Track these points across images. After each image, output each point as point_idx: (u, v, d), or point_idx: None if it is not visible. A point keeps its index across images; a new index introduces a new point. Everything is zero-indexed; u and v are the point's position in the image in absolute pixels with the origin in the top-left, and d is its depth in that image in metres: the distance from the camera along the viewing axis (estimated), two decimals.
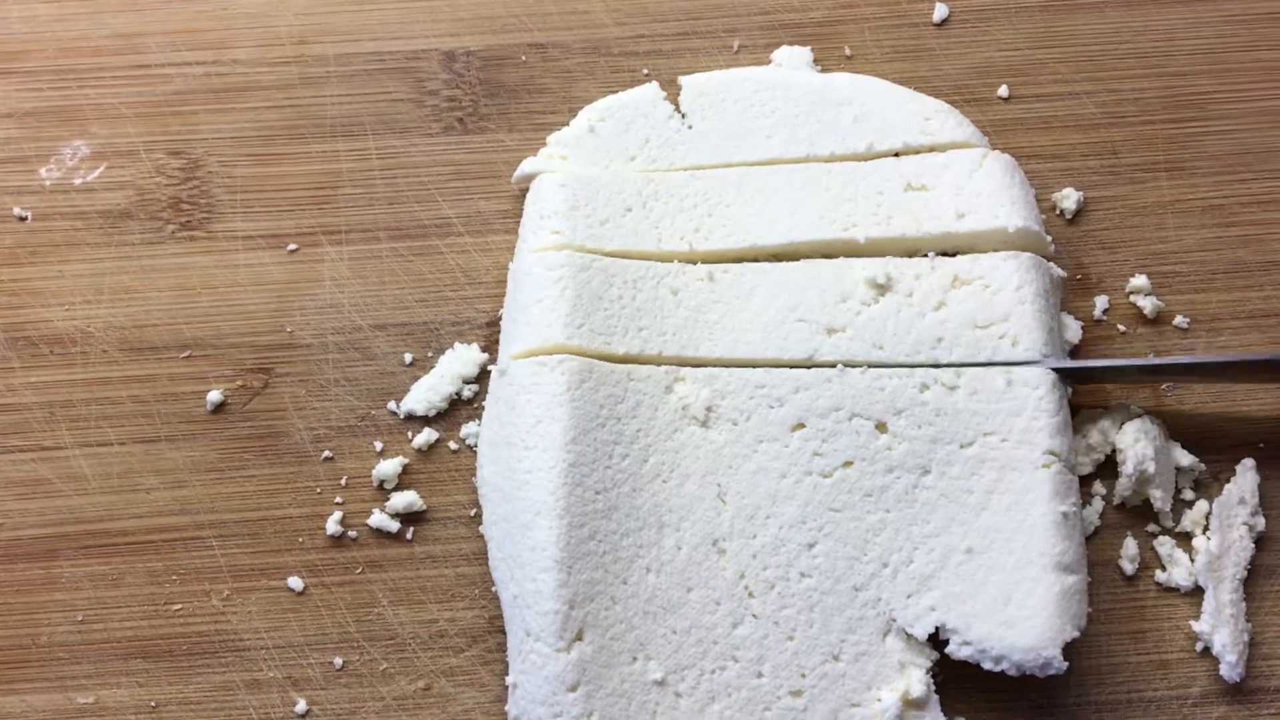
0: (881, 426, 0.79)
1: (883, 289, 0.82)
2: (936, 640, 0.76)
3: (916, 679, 0.75)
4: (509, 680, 0.76)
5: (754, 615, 0.76)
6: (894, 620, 0.76)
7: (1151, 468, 0.80)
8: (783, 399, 0.80)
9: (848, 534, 0.77)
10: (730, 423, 0.80)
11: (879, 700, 0.75)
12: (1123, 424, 0.82)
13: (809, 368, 0.80)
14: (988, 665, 0.75)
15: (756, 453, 0.79)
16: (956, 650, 0.75)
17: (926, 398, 0.79)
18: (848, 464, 0.78)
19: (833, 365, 0.80)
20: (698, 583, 0.77)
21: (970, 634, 0.75)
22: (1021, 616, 0.74)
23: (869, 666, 0.76)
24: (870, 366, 0.80)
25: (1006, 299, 0.81)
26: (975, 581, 0.76)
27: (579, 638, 0.74)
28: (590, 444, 0.77)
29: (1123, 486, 0.81)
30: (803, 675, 0.75)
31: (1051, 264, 0.84)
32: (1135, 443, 0.81)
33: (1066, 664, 0.74)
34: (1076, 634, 0.75)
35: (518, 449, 0.78)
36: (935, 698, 0.76)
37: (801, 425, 0.79)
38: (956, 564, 0.76)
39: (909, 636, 0.76)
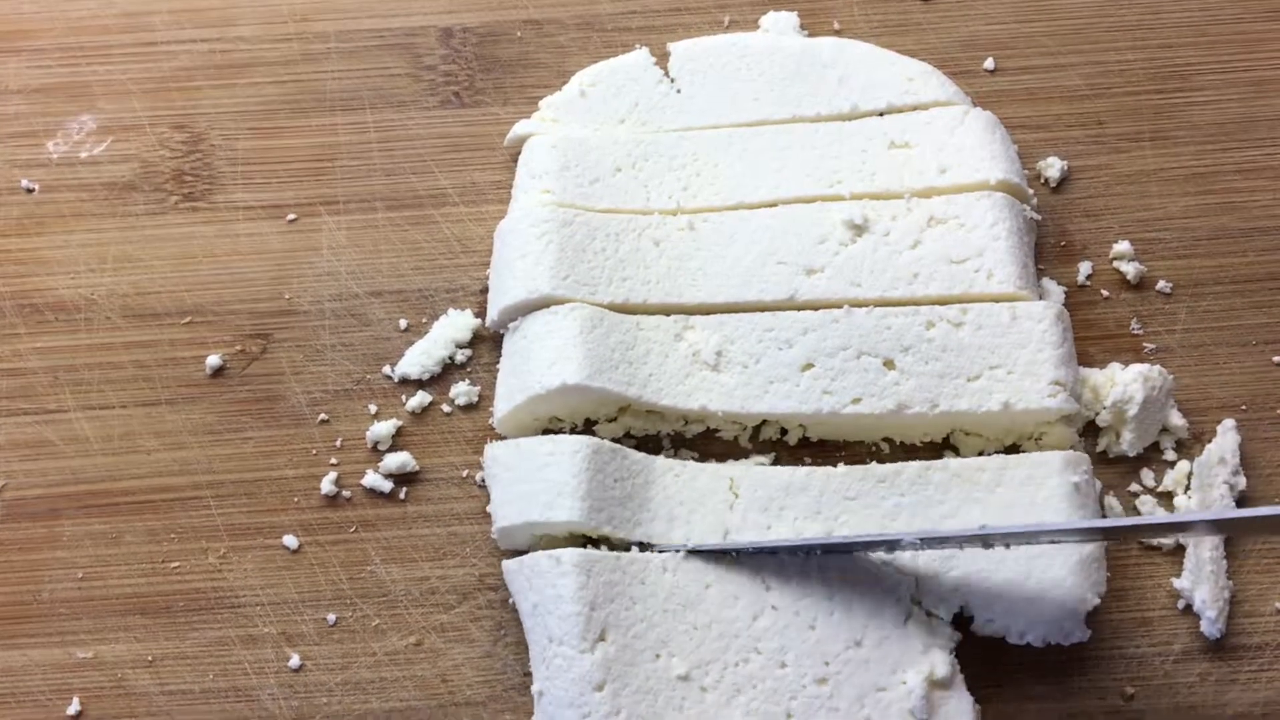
0: (889, 364, 0.80)
1: (860, 230, 0.83)
2: (959, 620, 0.76)
3: (940, 660, 0.74)
4: (534, 689, 0.76)
5: (773, 607, 0.76)
6: (917, 604, 0.76)
7: (1133, 410, 0.81)
8: (791, 340, 0.81)
9: (864, 521, 0.77)
10: (741, 365, 0.81)
11: (904, 683, 0.74)
12: (1129, 364, 0.83)
13: (797, 308, 0.82)
14: (1013, 640, 0.75)
15: (768, 394, 0.80)
16: (981, 628, 0.75)
17: (932, 334, 0.80)
18: (856, 400, 0.79)
19: (815, 308, 0.82)
20: (714, 578, 0.77)
21: (993, 610, 0.75)
22: (1042, 589, 0.75)
23: (892, 651, 0.75)
24: (876, 304, 0.81)
25: (981, 235, 0.82)
26: (994, 558, 0.76)
27: (602, 638, 0.74)
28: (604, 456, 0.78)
29: (1101, 419, 0.82)
30: (826, 663, 0.75)
31: (1025, 206, 0.85)
32: (1131, 382, 0.81)
33: (1089, 632, 0.75)
34: (1097, 601, 0.75)
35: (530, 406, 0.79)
36: (960, 677, 0.75)
37: (810, 365, 0.80)
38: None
39: (930, 618, 0.76)
